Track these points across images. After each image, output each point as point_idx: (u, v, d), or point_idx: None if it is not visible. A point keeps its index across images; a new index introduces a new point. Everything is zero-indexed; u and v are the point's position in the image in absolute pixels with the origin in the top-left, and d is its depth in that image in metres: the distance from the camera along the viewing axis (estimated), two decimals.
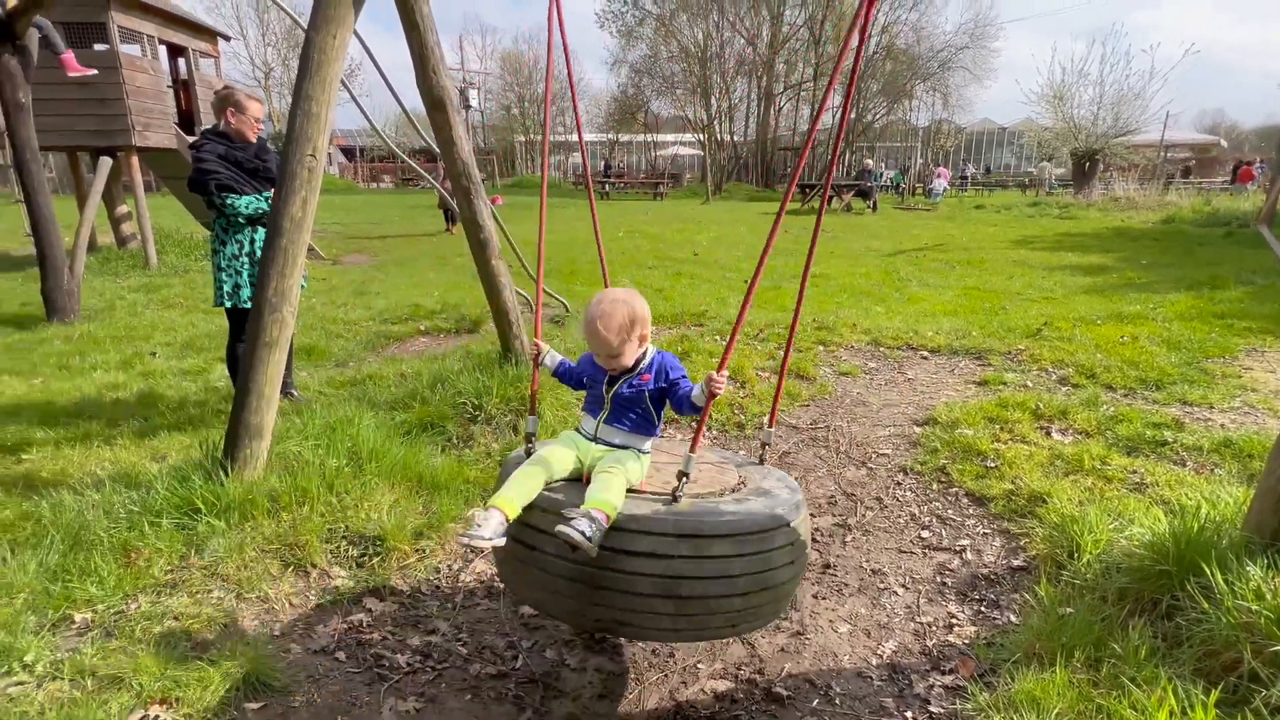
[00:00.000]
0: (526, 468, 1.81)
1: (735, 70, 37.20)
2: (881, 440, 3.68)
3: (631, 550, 1.71)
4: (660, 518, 1.72)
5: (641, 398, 1.88)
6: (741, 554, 1.75)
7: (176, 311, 6.62)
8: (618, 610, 1.76)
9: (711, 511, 1.77)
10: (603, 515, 1.66)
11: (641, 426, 1.91)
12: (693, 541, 1.71)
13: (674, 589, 1.73)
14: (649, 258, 10.07)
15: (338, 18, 2.59)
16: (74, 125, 8.76)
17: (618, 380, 1.90)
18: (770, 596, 1.85)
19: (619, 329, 1.80)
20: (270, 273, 2.60)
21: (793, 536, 1.86)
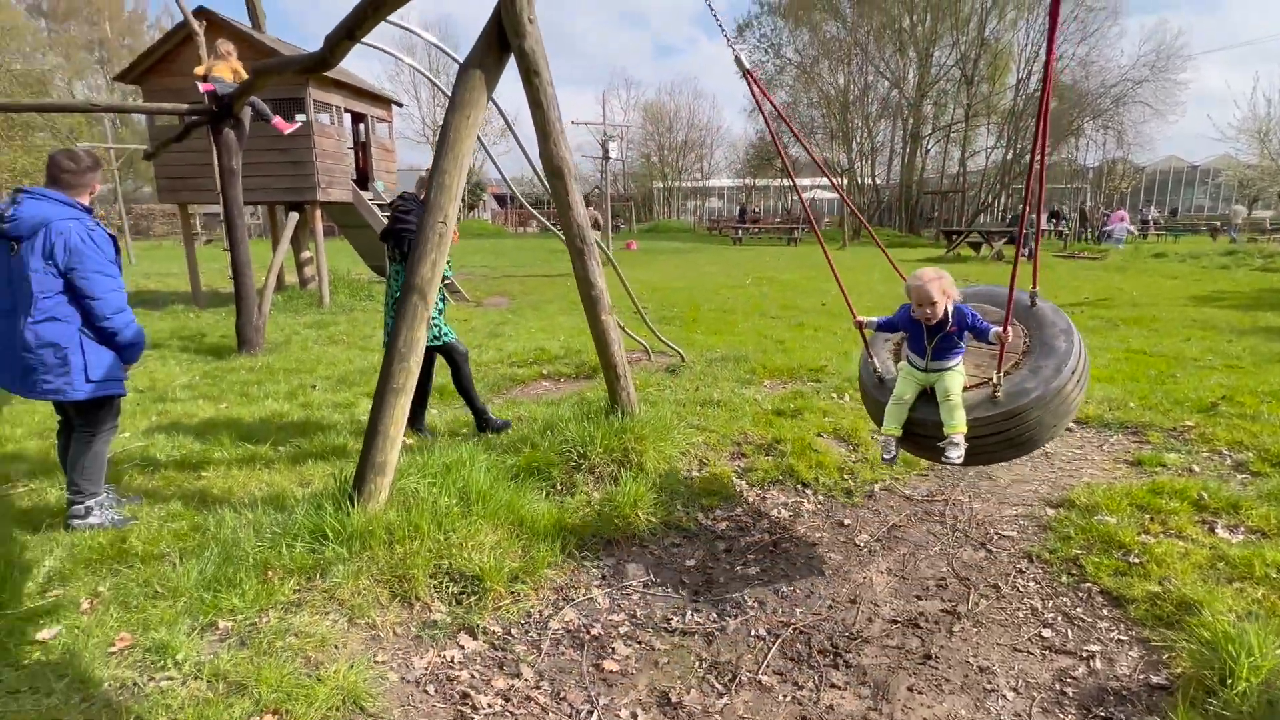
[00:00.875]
0: (892, 406, 2.84)
1: (879, 114, 36.42)
2: (1006, 520, 3.37)
3: (979, 434, 2.65)
4: (990, 414, 2.63)
5: (950, 339, 2.71)
6: (1048, 409, 2.63)
7: (338, 347, 7.44)
8: (982, 455, 2.77)
9: (1021, 393, 2.62)
10: (959, 435, 2.64)
11: (955, 353, 2.75)
12: (1017, 417, 2.62)
13: (1014, 440, 2.69)
14: (774, 306, 9.98)
15: (472, 101, 2.88)
16: (273, 184, 10.23)
17: (935, 335, 2.70)
18: (1072, 411, 2.79)
19: (938, 290, 2.64)
20: (400, 326, 2.89)
21: (1078, 372, 2.71)
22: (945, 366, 2.74)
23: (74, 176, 2.97)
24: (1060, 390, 2.61)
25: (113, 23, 38.76)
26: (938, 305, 2.65)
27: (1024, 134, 32.86)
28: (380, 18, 3.77)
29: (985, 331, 2.64)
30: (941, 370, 2.74)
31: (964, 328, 2.68)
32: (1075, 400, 2.74)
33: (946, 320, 2.67)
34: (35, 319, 2.86)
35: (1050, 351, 2.69)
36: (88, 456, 3.14)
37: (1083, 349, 2.77)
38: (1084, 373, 2.76)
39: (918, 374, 2.81)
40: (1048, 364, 2.64)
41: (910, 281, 2.70)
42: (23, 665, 2.20)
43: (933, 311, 2.66)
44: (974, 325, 2.66)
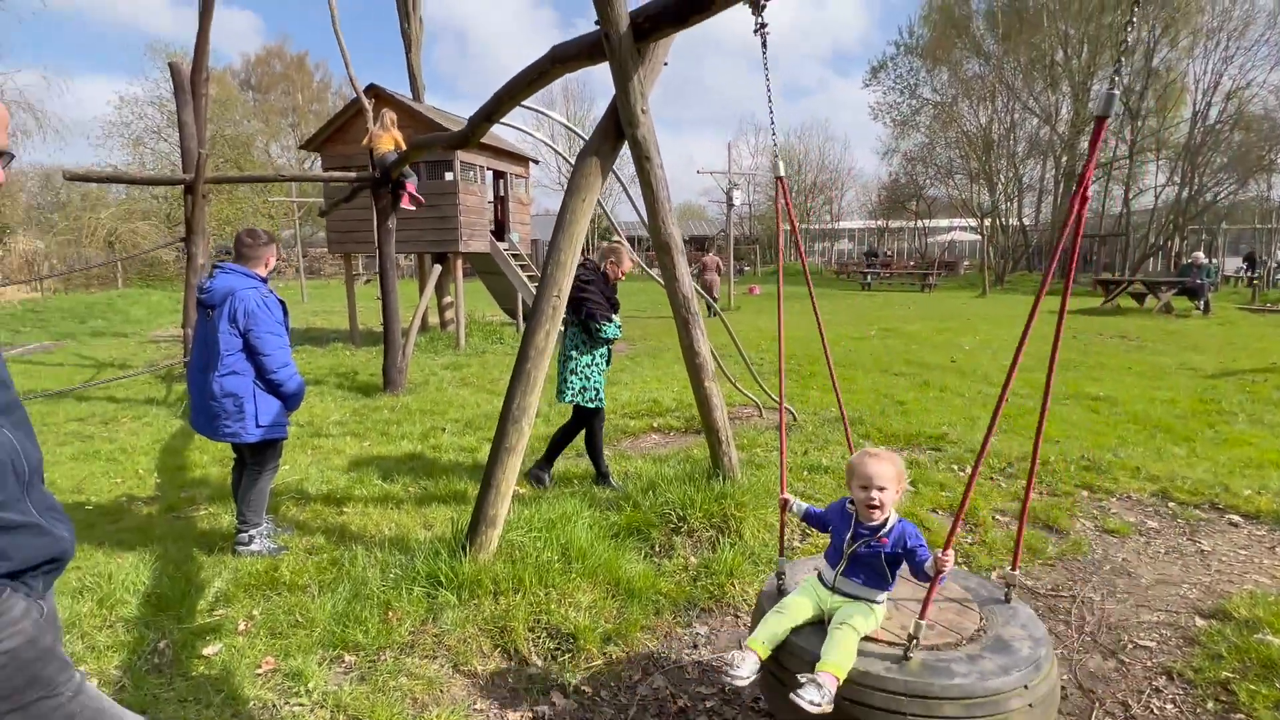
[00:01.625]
0: (771, 617, 2.10)
1: (1027, 152, 34.27)
2: (1144, 627, 3.04)
3: (864, 703, 1.87)
4: (891, 677, 1.85)
5: (877, 558, 2.05)
6: (973, 717, 1.80)
7: (468, 390, 8.02)
8: None
9: (943, 673, 1.84)
10: (831, 678, 1.86)
11: (875, 582, 2.08)
12: (922, 702, 1.81)
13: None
14: (898, 362, 9.58)
15: (588, 185, 3.13)
16: (421, 236, 11.31)
17: (858, 540, 2.08)
18: None
19: (894, 473, 2.06)
20: (515, 391, 3.14)
21: (1031, 698, 1.86)
22: (857, 594, 2.07)
23: (252, 250, 3.54)
24: (997, 698, 1.82)
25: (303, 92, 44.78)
26: (885, 493, 2.03)
27: (1202, 170, 29.59)
28: (514, 104, 4.18)
29: (923, 560, 1.99)
30: (851, 598, 2.07)
31: (902, 546, 2.02)
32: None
33: (884, 526, 2.06)
34: (220, 373, 3.41)
35: (1003, 649, 1.94)
36: (254, 491, 3.64)
37: (1053, 676, 1.97)
38: (1042, 707, 1.90)
39: (821, 589, 2.14)
40: (993, 661, 1.89)
41: (857, 456, 2.11)
42: (190, 676, 2.58)
43: (877, 499, 2.03)
44: (911, 546, 2.01)
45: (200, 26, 7.37)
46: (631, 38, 2.97)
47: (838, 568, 2.11)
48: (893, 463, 2.08)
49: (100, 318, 16.31)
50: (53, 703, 1.17)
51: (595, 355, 4.57)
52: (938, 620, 2.07)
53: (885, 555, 2.04)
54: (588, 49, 3.19)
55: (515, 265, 12.00)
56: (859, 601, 2.06)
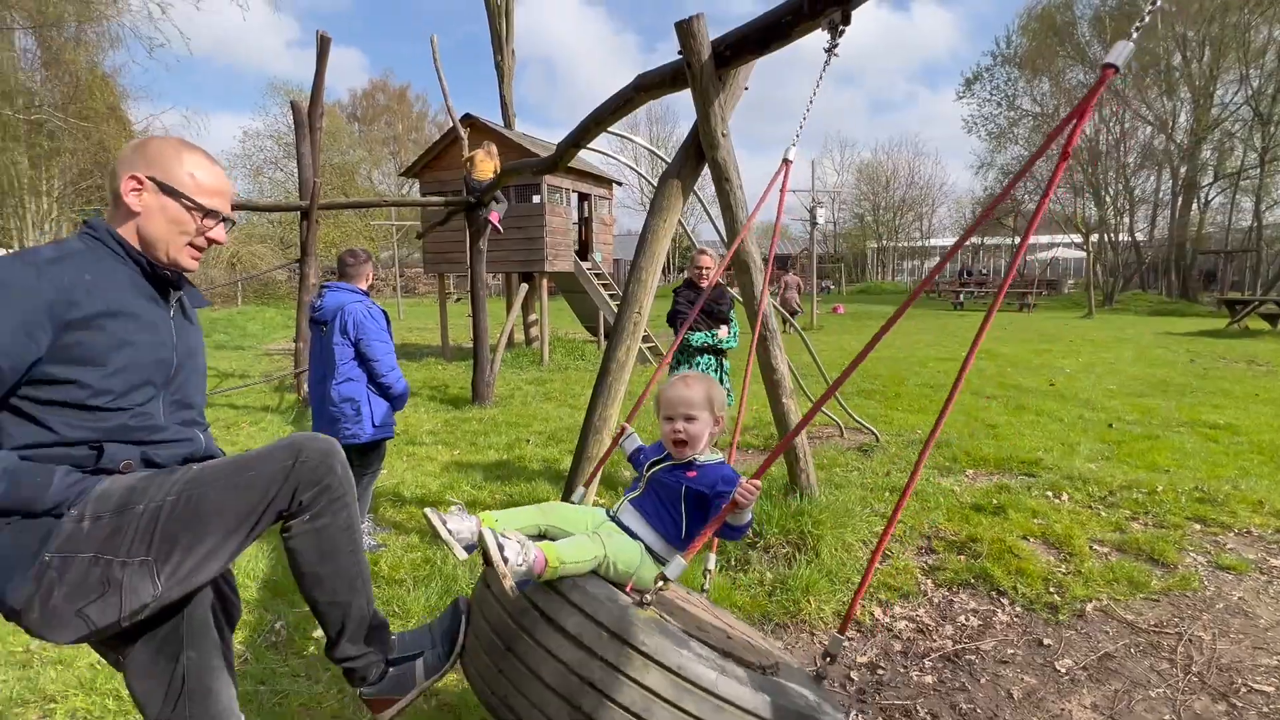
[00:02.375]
0: (531, 508, 1.76)
1: (1139, 163, 32.10)
2: (1260, 670, 2.82)
3: (557, 622, 1.42)
4: (608, 606, 1.42)
5: (677, 491, 1.72)
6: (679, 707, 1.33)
7: (552, 404, 8.29)
8: (511, 689, 1.46)
9: (678, 639, 1.41)
10: (541, 557, 1.44)
11: (663, 522, 1.72)
12: (626, 651, 1.34)
13: (578, 695, 1.35)
14: (991, 384, 9.17)
15: (670, 206, 3.26)
16: (510, 257, 11.82)
17: (660, 463, 1.79)
18: None
19: (702, 397, 1.77)
20: (597, 403, 3.28)
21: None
22: (633, 527, 1.72)
23: (354, 269, 3.89)
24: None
25: (403, 122, 47.68)
26: (694, 424, 1.75)
27: None
28: (600, 130, 4.39)
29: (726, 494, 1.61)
30: (623, 530, 1.71)
31: (705, 486, 1.71)
32: None
33: (692, 464, 1.76)
34: (337, 380, 3.74)
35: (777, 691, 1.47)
36: (358, 491, 3.94)
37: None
38: None
39: (601, 514, 1.80)
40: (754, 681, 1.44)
41: (666, 383, 1.85)
42: (303, 655, 2.84)
43: (683, 431, 1.75)
44: (723, 491, 1.66)
45: (317, 68, 8.09)
46: (713, 65, 3.09)
47: (628, 494, 1.80)
48: (704, 386, 1.79)
49: (222, 332, 17.87)
50: None
51: (682, 361, 4.73)
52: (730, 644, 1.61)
53: (688, 490, 1.71)
54: (670, 77, 3.33)
55: (598, 284, 12.32)
56: (633, 539, 1.68)
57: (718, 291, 4.80)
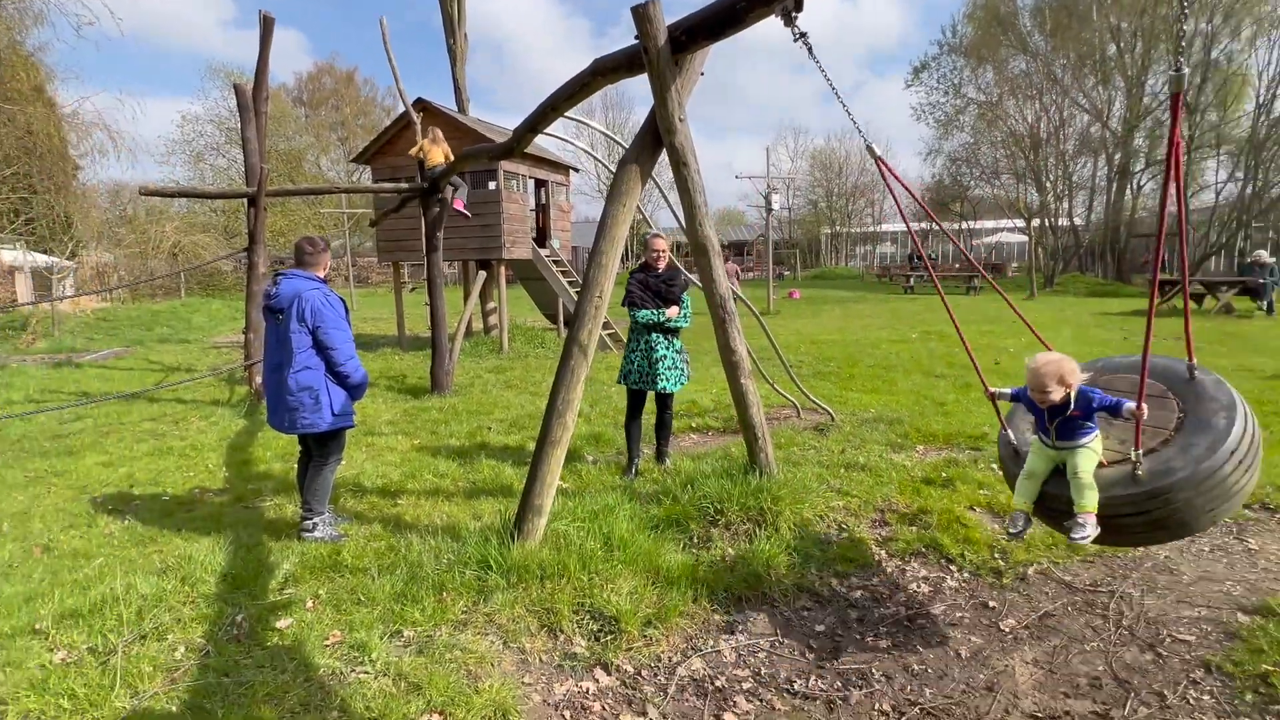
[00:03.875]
0: (1023, 481, 2.79)
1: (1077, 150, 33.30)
2: (1184, 622, 3.04)
3: (1120, 515, 2.49)
4: (1130, 493, 2.45)
5: (1074, 421, 2.61)
6: (1199, 490, 2.38)
7: (513, 392, 8.26)
8: (1127, 535, 2.61)
9: (1165, 472, 2.41)
10: (1088, 515, 2.50)
11: (1084, 432, 2.63)
12: (1161, 498, 2.40)
13: (1161, 523, 2.48)
14: (940, 364, 9.49)
15: (629, 190, 3.29)
16: (467, 244, 11.66)
17: (1054, 418, 2.64)
18: (1234, 496, 2.48)
19: (1052, 376, 2.58)
20: (559, 385, 3.31)
21: (1240, 456, 2.41)
22: (1074, 445, 2.65)
23: (313, 257, 3.83)
24: (1214, 472, 2.37)
25: (350, 106, 46.25)
26: (1050, 394, 2.59)
27: (1267, 165, 28.34)
28: (558, 115, 4.38)
29: (1118, 408, 2.52)
30: (1071, 448, 2.65)
31: (1090, 411, 2.60)
32: (1238, 485, 2.46)
33: (1067, 405, 2.60)
34: (295, 369, 3.68)
35: (1205, 429, 2.47)
36: (318, 481, 3.90)
37: (1251, 429, 2.50)
38: (1251, 455, 2.47)
39: (1047, 450, 2.74)
40: (1200, 441, 2.43)
41: (1028, 364, 2.67)
42: (266, 646, 2.82)
43: (1042, 399, 2.62)
44: (1103, 404, 2.56)
45: (261, 49, 7.81)
46: (669, 50, 3.12)
47: (1051, 435, 2.66)
48: (1050, 368, 2.56)
49: (165, 325, 17.18)
50: None
51: (637, 341, 4.89)
52: (1147, 422, 2.51)
53: (1078, 423, 2.60)
54: (627, 61, 3.36)
55: (556, 271, 12.27)
56: (1081, 449, 2.59)
57: (670, 273, 4.89)
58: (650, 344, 4.84)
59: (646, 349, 4.85)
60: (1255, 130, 28.40)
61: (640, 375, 4.86)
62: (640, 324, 4.83)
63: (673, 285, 4.85)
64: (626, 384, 4.94)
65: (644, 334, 4.85)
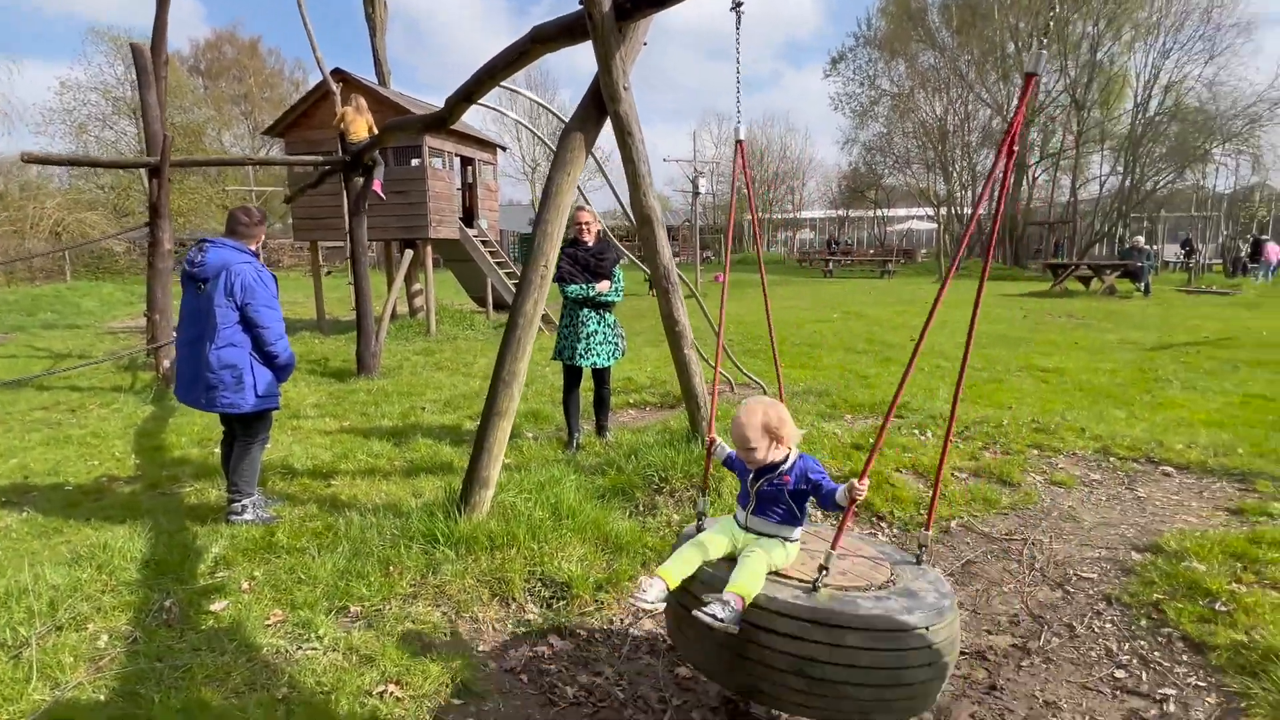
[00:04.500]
0: (686, 548, 2.13)
1: (980, 142, 35.26)
2: (1087, 562, 3.35)
3: (770, 629, 1.94)
4: (798, 603, 1.93)
5: (781, 495, 2.12)
6: (874, 648, 1.87)
7: (444, 373, 8.08)
8: (757, 679, 2.00)
9: (848, 603, 1.92)
10: (738, 599, 1.92)
11: (786, 519, 2.14)
12: (826, 630, 1.88)
13: (806, 669, 1.90)
14: (860, 341, 9.94)
15: (573, 160, 3.28)
16: (391, 224, 11.25)
17: (760, 478, 2.15)
18: (904, 694, 1.93)
19: (758, 427, 2.08)
20: (505, 356, 3.28)
21: (931, 640, 1.91)
22: (769, 531, 2.12)
23: (248, 229, 3.61)
24: (899, 635, 1.87)
25: (255, 78, 43.43)
26: (754, 452, 2.09)
27: (1143, 160, 30.93)
28: (494, 84, 4.29)
29: (831, 492, 2.04)
30: (761, 535, 2.13)
31: (804, 481, 2.08)
32: (914, 679, 1.92)
33: (783, 463, 2.11)
34: (218, 345, 3.47)
35: (910, 595, 2.00)
36: (245, 461, 3.71)
37: (954, 626, 2.00)
38: (943, 658, 1.95)
39: (736, 529, 2.19)
40: (901, 603, 1.95)
41: (736, 413, 2.14)
42: (200, 629, 2.68)
43: (748, 456, 2.12)
44: (819, 481, 2.06)
45: (159, 5, 7.24)
46: (614, 17, 3.12)
47: (748, 507, 2.17)
48: (753, 418, 2.07)
49: (49, 310, 15.75)
50: None
51: (570, 316, 4.85)
52: (849, 570, 2.11)
53: (789, 492, 2.10)
54: (569, 28, 3.33)
55: (485, 252, 12.02)
56: (772, 539, 2.11)
57: (599, 247, 4.85)
58: (582, 319, 4.81)
59: (578, 324, 4.82)
60: (1134, 128, 30.91)
61: (573, 350, 4.83)
62: (571, 299, 4.79)
63: (603, 259, 4.81)
64: (560, 359, 4.91)
65: (575, 309, 4.83)
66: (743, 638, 1.95)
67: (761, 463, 2.12)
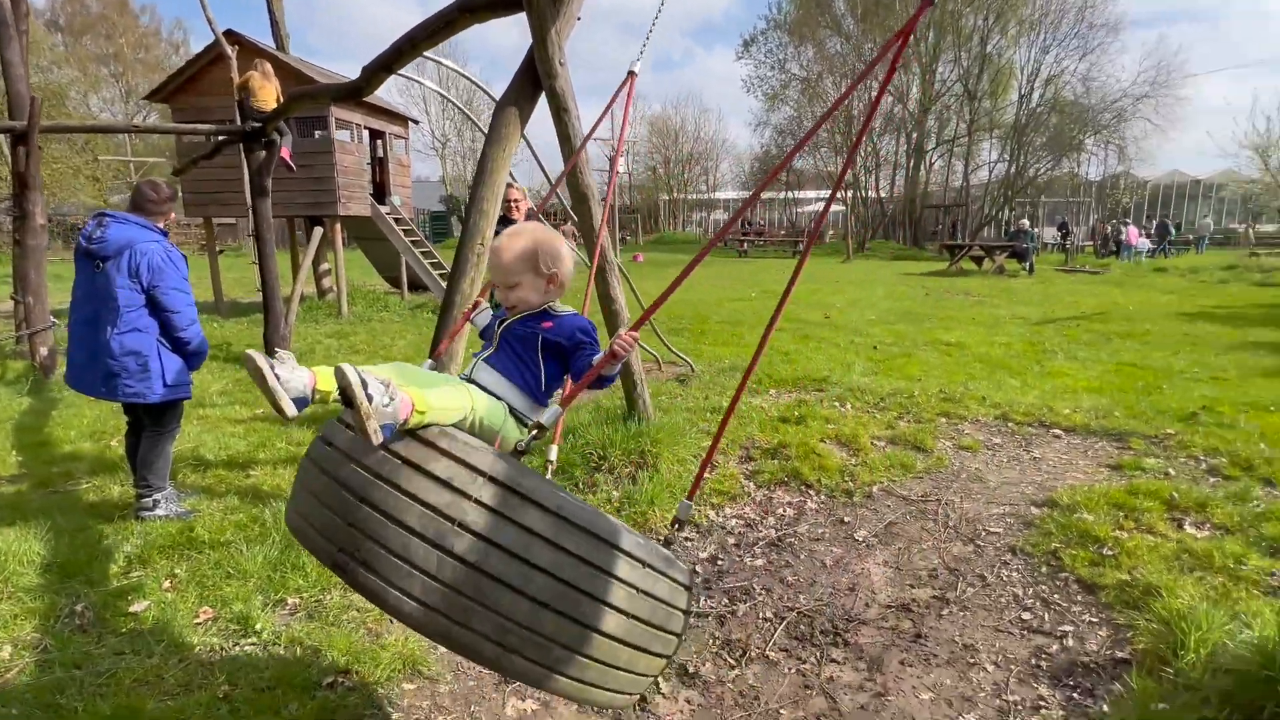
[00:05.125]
0: (386, 365, 1.48)
1: (883, 128, 36.87)
2: (994, 518, 3.66)
3: (424, 468, 1.30)
4: (481, 452, 1.33)
5: (533, 342, 1.60)
6: (558, 544, 1.29)
7: (360, 357, 7.76)
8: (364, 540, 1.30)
9: (550, 486, 1.37)
10: (408, 400, 1.28)
11: (522, 375, 1.58)
12: (504, 494, 1.28)
13: (448, 538, 1.26)
14: (780, 318, 10.26)
15: (508, 135, 3.22)
16: (296, 199, 10.61)
17: (509, 319, 1.66)
18: (574, 634, 1.33)
19: (520, 255, 1.61)
20: (441, 335, 3.21)
21: (639, 578, 1.39)
22: (495, 389, 1.57)
23: (156, 205, 3.33)
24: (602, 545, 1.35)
25: (126, 37, 39.50)
26: (516, 290, 1.63)
27: (1026, 148, 33.30)
28: (416, 54, 4.13)
29: (590, 355, 1.57)
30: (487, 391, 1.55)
31: (564, 337, 1.60)
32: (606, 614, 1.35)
33: (547, 313, 1.65)
34: (120, 330, 3.19)
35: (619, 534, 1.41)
36: (155, 453, 3.46)
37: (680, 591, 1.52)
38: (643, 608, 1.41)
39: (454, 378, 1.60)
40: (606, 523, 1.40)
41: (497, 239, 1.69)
42: (120, 632, 2.51)
43: (505, 298, 1.66)
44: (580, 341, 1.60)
45: None
46: None
47: (483, 352, 1.65)
48: (516, 242, 1.62)
49: None
50: None
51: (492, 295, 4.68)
52: None
53: (544, 340, 1.60)
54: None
55: (399, 230, 11.55)
56: (498, 400, 1.54)
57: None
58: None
59: None
60: (1018, 118, 33.18)
61: None
62: None
63: None
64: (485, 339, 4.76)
65: None
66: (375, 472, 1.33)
67: (524, 302, 1.64)
